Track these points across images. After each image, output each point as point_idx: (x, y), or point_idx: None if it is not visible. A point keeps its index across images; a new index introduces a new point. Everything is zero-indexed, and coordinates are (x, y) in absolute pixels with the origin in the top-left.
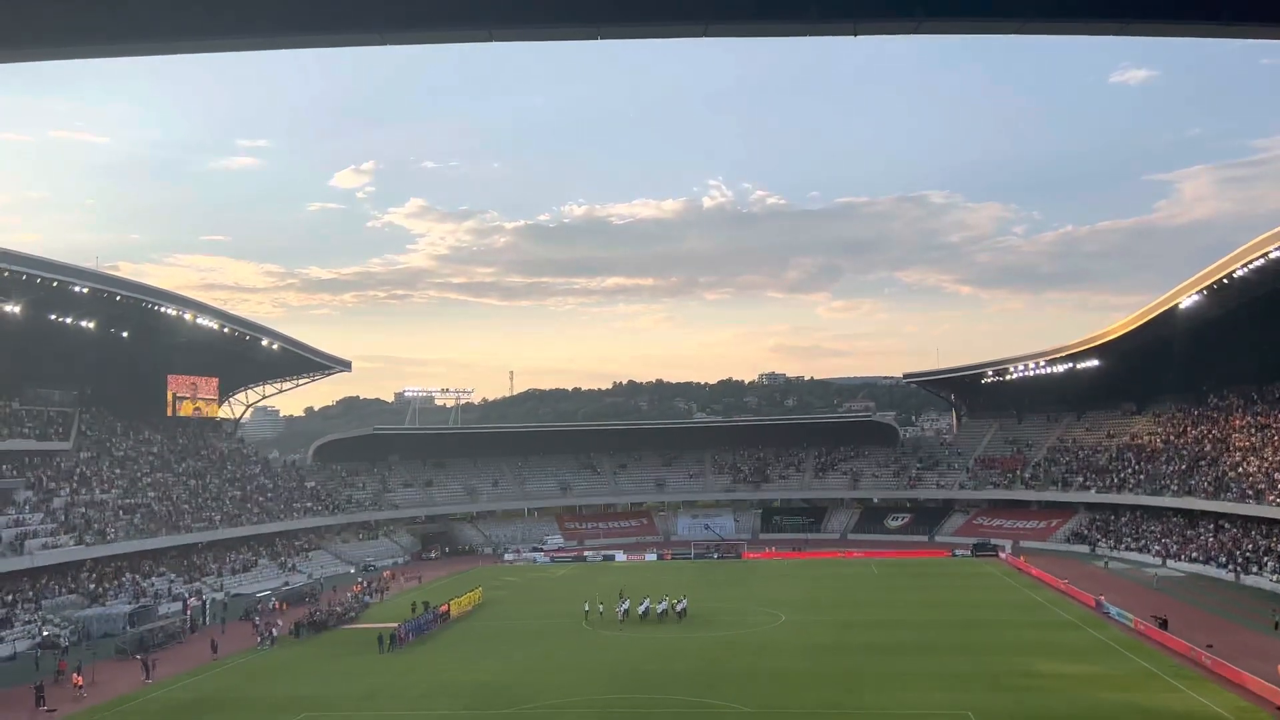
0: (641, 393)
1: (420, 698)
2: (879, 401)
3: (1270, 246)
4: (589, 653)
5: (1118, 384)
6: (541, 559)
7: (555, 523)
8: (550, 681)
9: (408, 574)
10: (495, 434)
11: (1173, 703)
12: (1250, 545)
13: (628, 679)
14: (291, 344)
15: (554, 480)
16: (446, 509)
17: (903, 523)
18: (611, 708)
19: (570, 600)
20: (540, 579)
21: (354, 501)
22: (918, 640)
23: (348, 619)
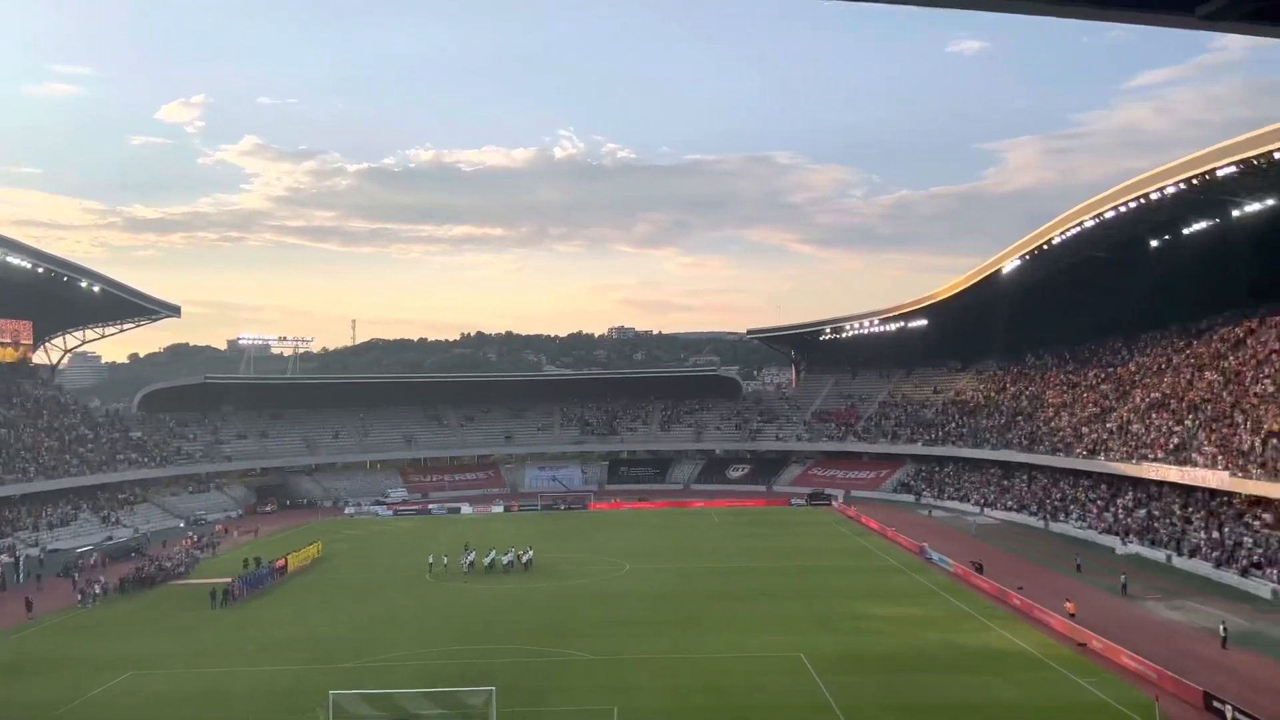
0: (490, 344)
1: (257, 653)
2: (724, 356)
3: (1084, 216)
4: (433, 605)
5: (945, 343)
6: (384, 512)
7: (398, 475)
8: (392, 635)
9: (242, 528)
10: (336, 384)
11: (986, 641)
12: (1059, 494)
13: (472, 630)
14: (114, 286)
15: (398, 432)
16: (284, 461)
17: (743, 473)
18: (456, 659)
19: (413, 553)
20: (382, 532)
21: (183, 453)
22: (755, 586)
23: (177, 574)
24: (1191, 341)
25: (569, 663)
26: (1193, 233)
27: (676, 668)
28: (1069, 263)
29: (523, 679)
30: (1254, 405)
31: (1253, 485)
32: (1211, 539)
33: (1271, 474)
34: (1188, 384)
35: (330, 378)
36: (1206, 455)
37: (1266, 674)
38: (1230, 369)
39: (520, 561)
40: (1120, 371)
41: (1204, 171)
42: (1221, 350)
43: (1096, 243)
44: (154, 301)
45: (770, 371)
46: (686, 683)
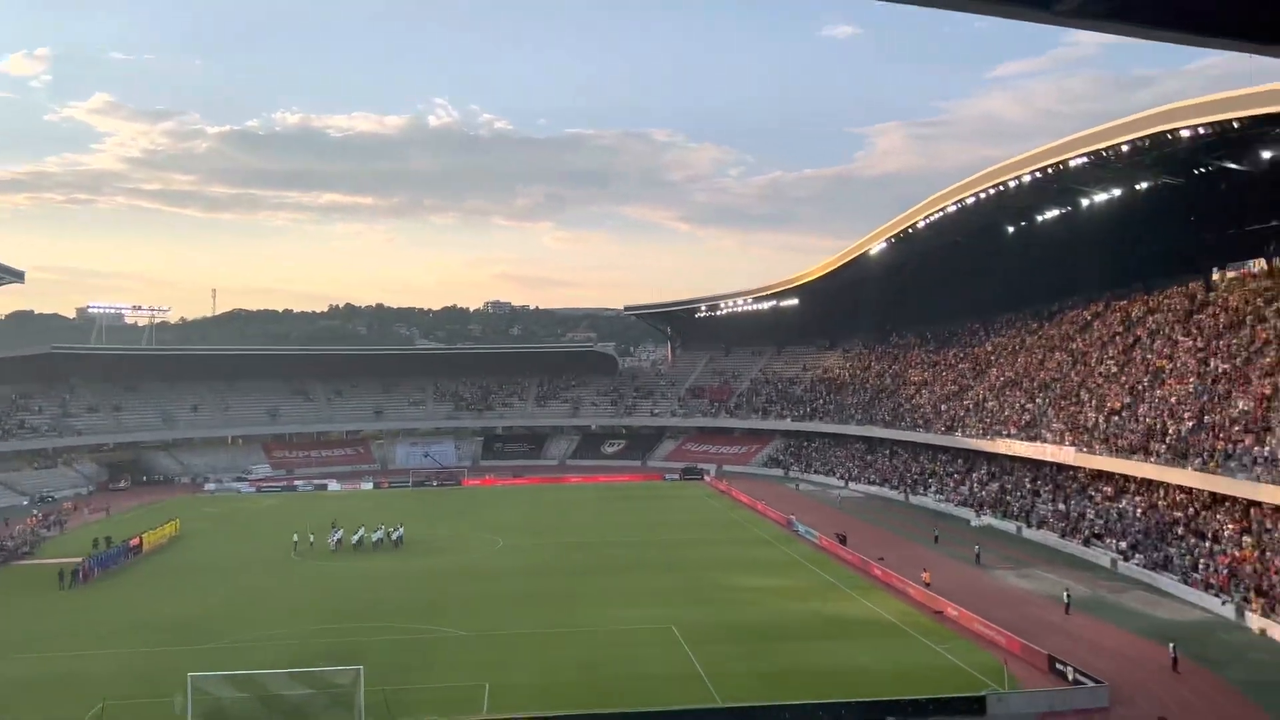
0: (360, 317)
1: (111, 635)
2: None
3: (947, 202)
4: (298, 584)
5: (815, 322)
6: (247, 489)
7: (262, 451)
8: (255, 614)
9: (92, 505)
10: (195, 356)
11: (849, 610)
12: (918, 469)
13: (340, 609)
14: None
15: (261, 407)
16: (138, 436)
17: (618, 449)
18: (323, 638)
19: (278, 531)
20: (245, 510)
21: (27, 427)
22: (629, 560)
23: (21, 554)
24: (1043, 324)
25: (441, 640)
26: (1046, 220)
27: (550, 643)
28: (932, 246)
29: (393, 657)
30: (1098, 385)
31: (1096, 460)
32: (1058, 511)
33: (1113, 449)
34: (1039, 364)
35: (189, 349)
36: (1055, 432)
37: (1104, 637)
38: (1078, 350)
39: (390, 539)
40: (977, 351)
41: (1057, 162)
42: (1070, 333)
43: (958, 228)
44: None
45: (647, 348)
46: (560, 657)
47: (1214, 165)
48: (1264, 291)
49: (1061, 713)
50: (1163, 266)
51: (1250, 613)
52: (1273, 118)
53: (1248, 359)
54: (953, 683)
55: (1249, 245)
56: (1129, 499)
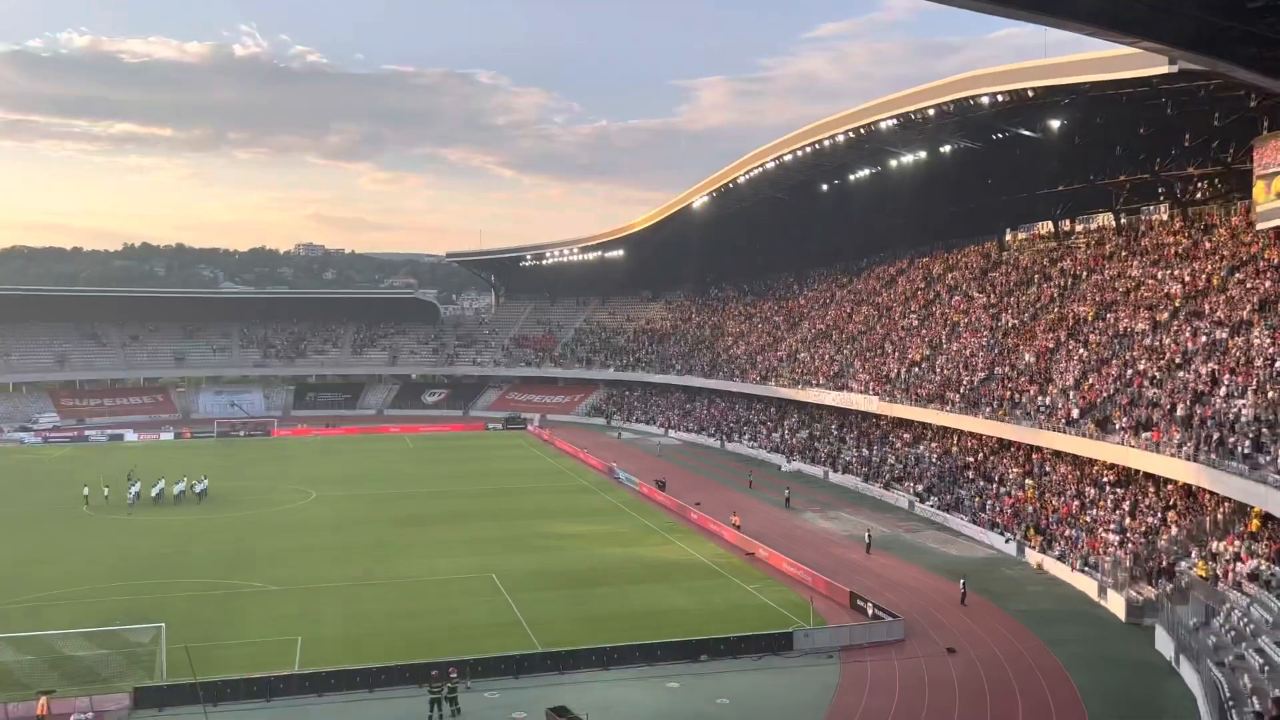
0: (158, 257)
1: None
2: (421, 279)
3: (766, 159)
4: (93, 539)
5: (639, 273)
6: (31, 439)
7: (49, 399)
8: (45, 572)
9: None
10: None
11: (666, 553)
12: (734, 417)
13: (139, 566)
14: None
15: (48, 351)
16: None
17: (440, 398)
18: (121, 596)
19: (69, 484)
20: (30, 461)
21: None
22: (449, 510)
23: None
24: (853, 279)
25: (249, 594)
26: (858, 179)
27: (366, 594)
28: (752, 201)
29: (197, 613)
30: (901, 337)
31: (897, 409)
32: (861, 456)
33: (913, 399)
34: (847, 317)
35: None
36: (860, 382)
37: (901, 574)
38: (883, 304)
39: (193, 491)
40: (791, 305)
41: (869, 123)
42: (877, 288)
43: (776, 184)
44: None
45: (470, 296)
46: (376, 608)
47: (1010, 131)
48: (1050, 252)
49: (861, 646)
50: (962, 226)
51: (1029, 549)
52: (1063, 89)
53: (1034, 314)
54: (763, 621)
55: (1039, 208)
56: (926, 445)
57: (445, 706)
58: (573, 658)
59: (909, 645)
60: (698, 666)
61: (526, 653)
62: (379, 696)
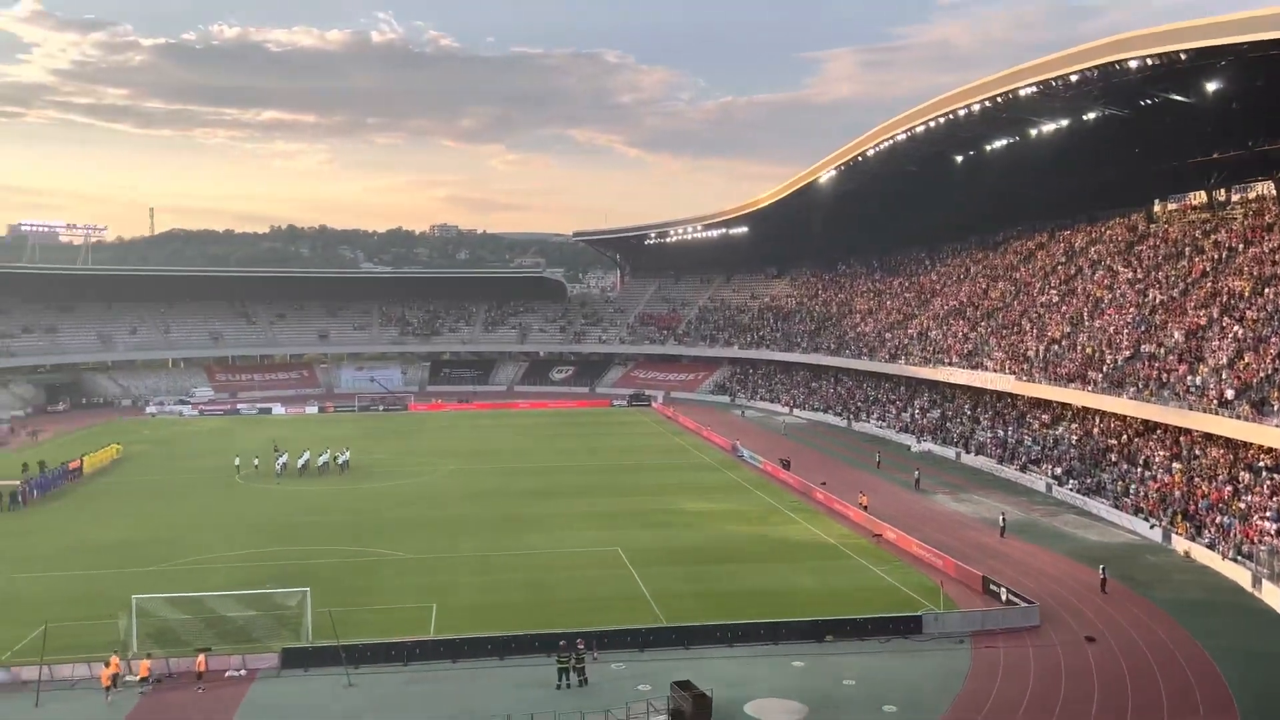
0: (303, 239)
1: (49, 558)
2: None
3: (897, 130)
4: (243, 507)
5: (763, 249)
6: (189, 412)
7: (204, 374)
8: (201, 538)
9: (29, 427)
10: (135, 277)
11: (791, 533)
12: (861, 396)
13: (286, 532)
14: None
15: (203, 329)
16: (76, 358)
17: (567, 375)
18: (269, 560)
19: (222, 455)
20: (187, 433)
21: None
22: (576, 484)
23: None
24: (988, 253)
25: (387, 562)
26: (994, 150)
27: (497, 565)
28: (881, 175)
29: (340, 579)
30: (1040, 314)
31: (1035, 388)
32: (996, 437)
33: (1052, 378)
34: (983, 293)
35: (128, 270)
36: (996, 360)
37: (1036, 559)
38: (1021, 280)
39: (336, 463)
40: (923, 280)
41: (1007, 91)
42: (1014, 262)
43: (907, 156)
44: None
45: (596, 274)
46: (506, 579)
47: (1160, 97)
48: (1202, 224)
49: (993, 631)
50: (1106, 197)
51: (1176, 536)
52: (1218, 50)
53: (1185, 290)
54: (890, 603)
55: (1190, 178)
56: (1065, 426)
57: (573, 676)
58: (697, 633)
59: (1044, 632)
60: (823, 647)
61: (652, 626)
62: (509, 664)
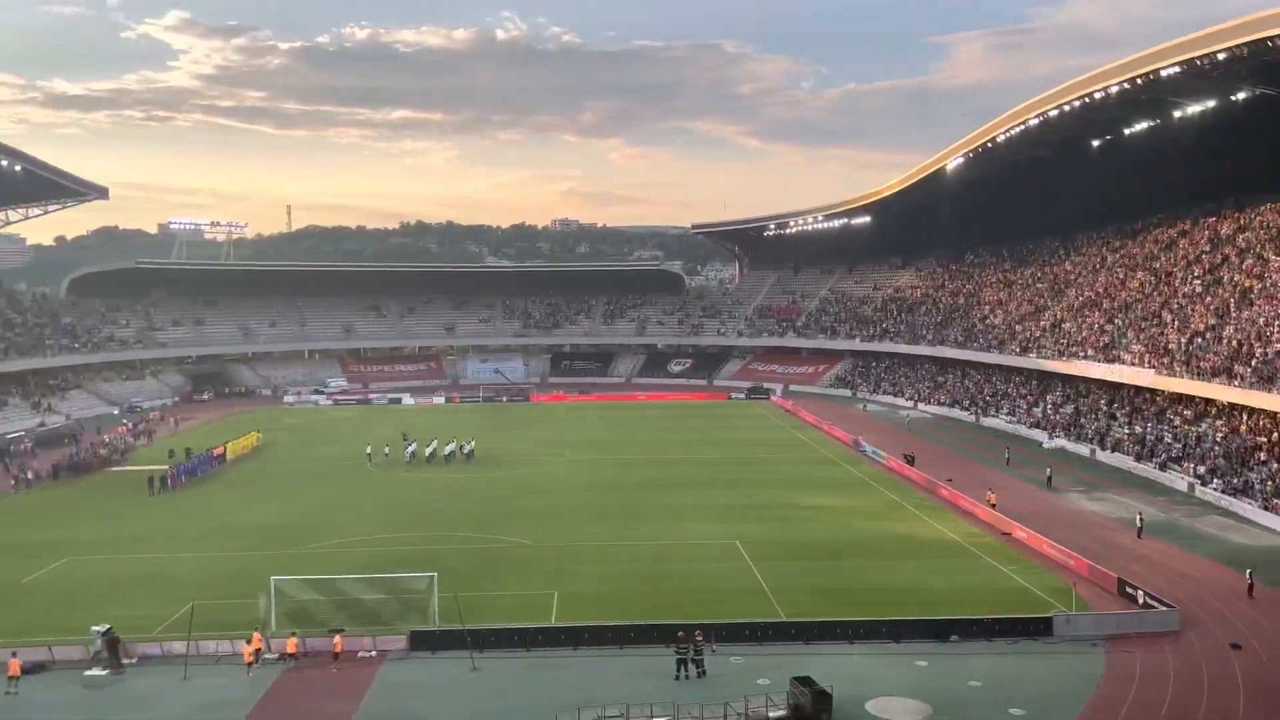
0: (431, 234)
1: (197, 539)
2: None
3: (1029, 115)
4: (374, 493)
5: (887, 240)
6: (324, 401)
7: (338, 365)
8: (334, 521)
9: (178, 415)
10: (274, 272)
11: (913, 529)
12: (990, 390)
13: (414, 518)
14: (36, 165)
15: (337, 322)
16: (220, 349)
17: (685, 368)
18: (397, 545)
19: (354, 442)
20: (322, 421)
21: (116, 339)
22: (694, 476)
23: (113, 461)
24: (1126, 242)
25: (510, 549)
26: (1133, 134)
27: (616, 554)
28: (1012, 161)
29: (464, 565)
30: (1181, 305)
31: (1176, 383)
32: (1134, 434)
33: (1195, 372)
34: (1120, 284)
35: (268, 265)
36: (1134, 354)
37: (1176, 561)
38: (1161, 269)
39: (462, 452)
40: (1056, 270)
41: (1148, 72)
42: (1154, 251)
43: (1040, 142)
44: (80, 182)
45: (714, 267)
46: (625, 568)
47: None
48: None
49: (1129, 635)
50: (1255, 182)
51: None
52: None
53: None
54: (1018, 603)
55: None
56: (1209, 423)
57: (691, 668)
58: (818, 629)
59: (1185, 638)
60: (948, 647)
61: (771, 621)
62: (628, 653)
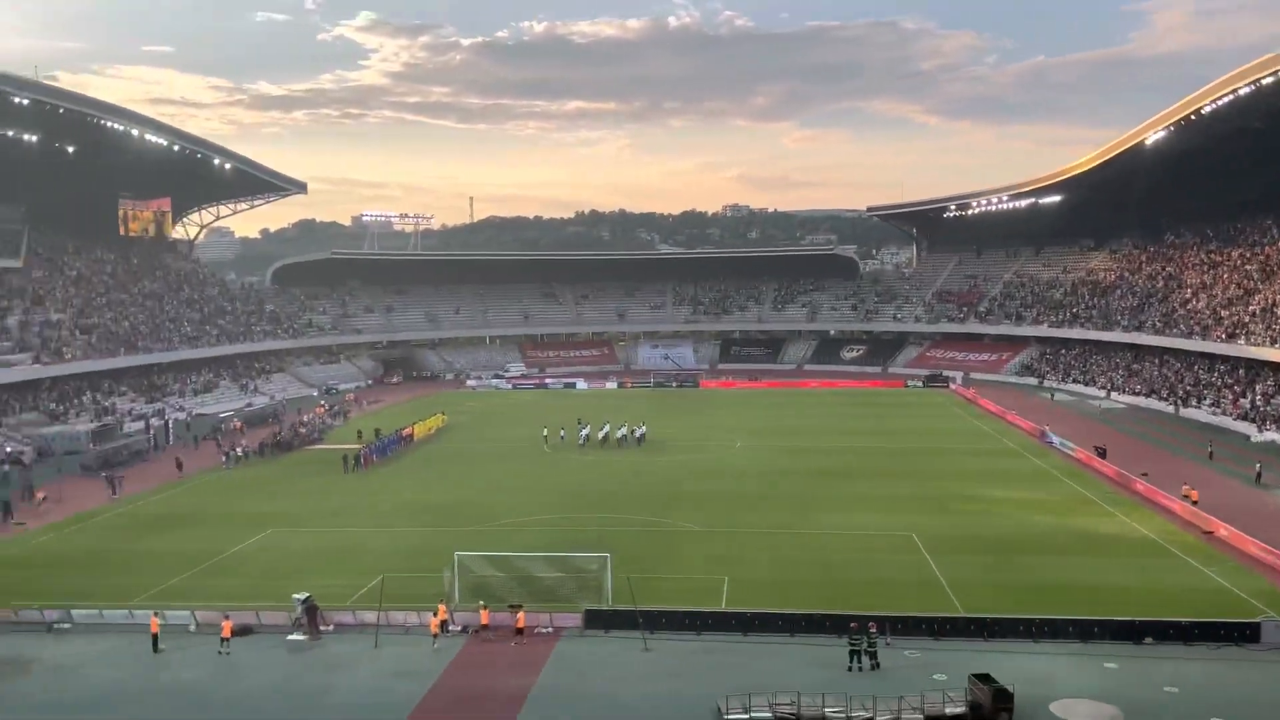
0: (604, 223)
1: (385, 515)
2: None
3: (1239, 83)
4: (550, 474)
5: (1078, 220)
6: (503, 385)
7: (517, 350)
8: (513, 501)
9: (369, 397)
10: (457, 261)
11: (1104, 526)
12: (1192, 379)
13: (588, 500)
14: (245, 163)
15: (516, 309)
16: (408, 335)
17: (858, 354)
18: (572, 526)
19: (532, 425)
20: (502, 405)
21: (314, 325)
22: (868, 466)
23: (312, 440)
24: None
25: (681, 533)
26: None
27: (787, 542)
28: (1219, 134)
29: (637, 547)
30: None
31: None
32: None
33: None
34: None
35: (452, 255)
36: None
37: None
38: None
39: (633, 436)
40: (1268, 251)
41: None
42: None
43: (1250, 112)
44: (282, 178)
45: (890, 250)
46: (797, 556)
47: None
48: None
49: None
50: None
51: None
52: None
53: None
54: (1220, 607)
55: None
56: None
57: (864, 659)
58: (998, 625)
59: None
60: (1140, 649)
61: (948, 615)
62: (799, 642)
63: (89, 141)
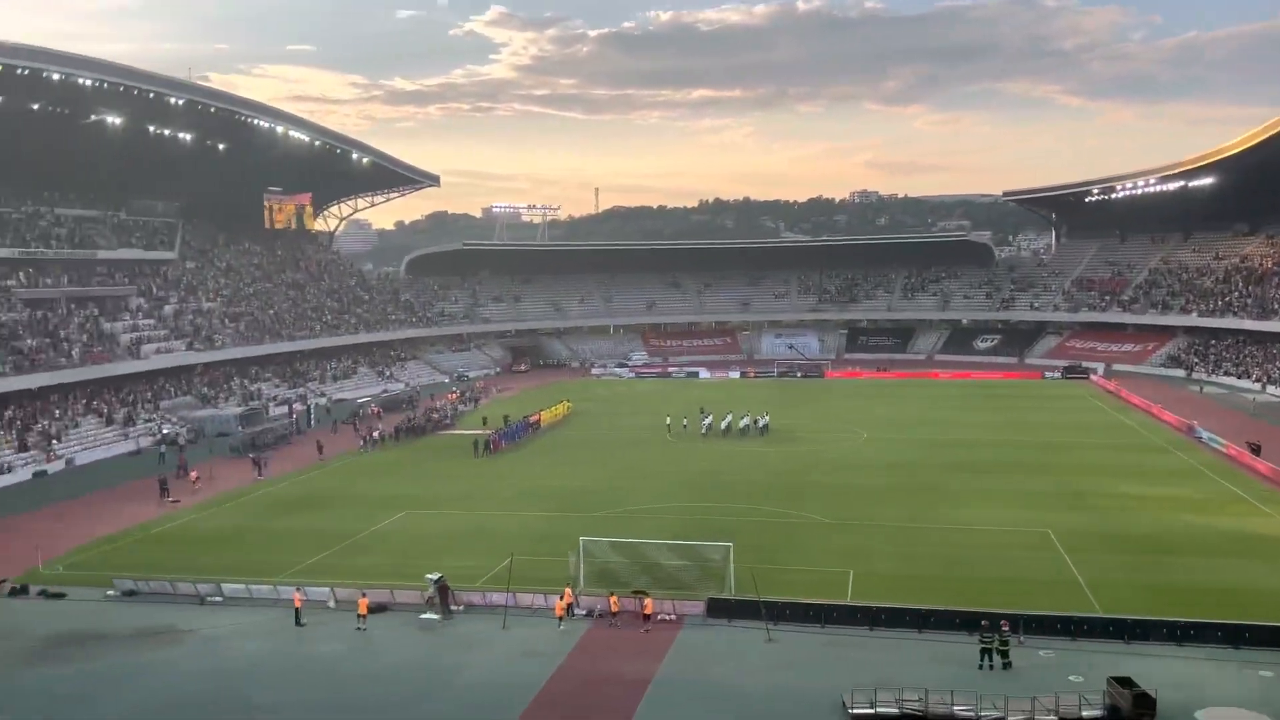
0: (728, 211)
1: (513, 499)
2: (975, 220)
3: None
4: (673, 463)
5: (1231, 203)
6: (627, 374)
7: (640, 339)
8: (636, 488)
9: (499, 384)
10: (582, 251)
11: (1256, 526)
12: None
13: (710, 489)
14: (381, 158)
15: (639, 298)
16: (534, 324)
17: (992, 344)
18: (695, 514)
19: (655, 414)
20: (626, 393)
21: (446, 314)
22: (1002, 460)
23: (444, 425)
24: None
25: (805, 525)
26: None
27: (914, 536)
28: None
29: (759, 537)
30: None
31: None
32: None
33: None
34: None
35: (577, 245)
36: None
37: None
38: None
39: (756, 426)
40: None
41: None
42: None
43: None
44: (416, 172)
45: (1027, 237)
46: (924, 551)
47: None
48: None
49: None
50: None
51: None
52: None
53: None
54: None
55: None
56: None
57: (996, 658)
58: (1140, 627)
59: None
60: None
61: (1086, 615)
62: (927, 638)
63: (238, 139)
